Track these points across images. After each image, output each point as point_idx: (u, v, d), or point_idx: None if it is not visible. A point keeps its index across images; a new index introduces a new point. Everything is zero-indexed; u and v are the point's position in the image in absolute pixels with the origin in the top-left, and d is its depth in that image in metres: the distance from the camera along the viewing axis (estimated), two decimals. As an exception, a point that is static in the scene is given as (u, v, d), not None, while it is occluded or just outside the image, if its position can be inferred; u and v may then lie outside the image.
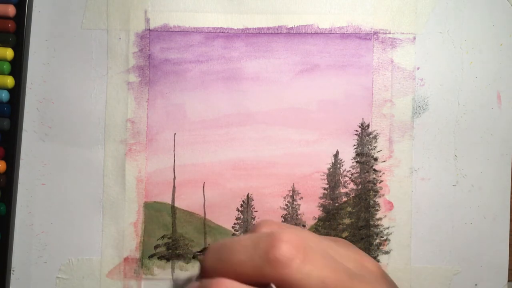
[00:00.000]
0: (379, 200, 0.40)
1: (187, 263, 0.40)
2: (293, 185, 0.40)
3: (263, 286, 0.18)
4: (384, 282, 0.21)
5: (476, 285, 0.40)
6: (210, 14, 0.40)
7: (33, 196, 0.40)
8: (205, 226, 0.40)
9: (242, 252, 0.18)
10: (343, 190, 0.40)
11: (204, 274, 0.19)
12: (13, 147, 0.40)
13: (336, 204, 0.40)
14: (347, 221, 0.40)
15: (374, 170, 0.40)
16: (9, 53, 0.39)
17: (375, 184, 0.40)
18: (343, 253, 0.20)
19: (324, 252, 0.18)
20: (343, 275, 0.18)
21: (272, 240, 0.18)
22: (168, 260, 0.40)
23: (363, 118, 0.40)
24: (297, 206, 0.40)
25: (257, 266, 0.18)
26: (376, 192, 0.40)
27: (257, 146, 0.40)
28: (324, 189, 0.40)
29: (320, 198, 0.40)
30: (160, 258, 0.40)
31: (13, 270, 0.40)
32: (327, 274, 0.18)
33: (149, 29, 0.40)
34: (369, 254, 0.40)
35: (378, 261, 0.40)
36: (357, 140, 0.40)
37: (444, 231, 0.40)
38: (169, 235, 0.40)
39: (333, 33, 0.40)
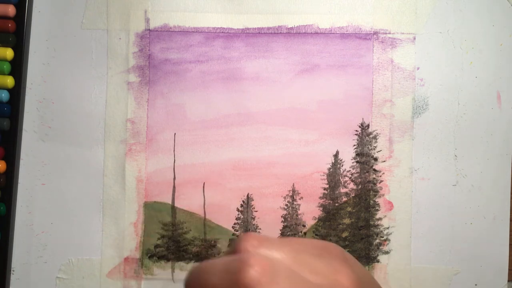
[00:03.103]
0: (379, 200, 0.40)
1: (187, 263, 0.40)
2: (293, 185, 0.40)
3: None
4: None
5: (476, 285, 0.40)
6: (210, 14, 0.40)
7: (33, 196, 0.40)
8: (205, 226, 0.40)
9: (216, 275, 0.20)
10: (343, 190, 0.40)
11: None
12: (13, 147, 0.40)
13: (336, 204, 0.40)
14: (347, 221, 0.40)
15: (374, 170, 0.40)
16: (9, 53, 0.39)
17: (375, 184, 0.40)
18: (317, 268, 0.21)
19: (291, 274, 0.20)
20: None
21: (240, 264, 0.19)
22: (168, 260, 0.40)
23: (363, 118, 0.40)
24: (297, 206, 0.40)
25: None
26: (376, 192, 0.40)
27: (257, 146, 0.40)
28: (324, 189, 0.40)
29: (320, 198, 0.40)
30: (160, 258, 0.40)
31: (13, 270, 0.40)
32: None
33: (149, 29, 0.40)
34: (369, 254, 0.40)
35: (377, 261, 0.40)
36: (357, 140, 0.40)
37: (444, 231, 0.40)
38: (169, 235, 0.40)
39: (333, 33, 0.40)
